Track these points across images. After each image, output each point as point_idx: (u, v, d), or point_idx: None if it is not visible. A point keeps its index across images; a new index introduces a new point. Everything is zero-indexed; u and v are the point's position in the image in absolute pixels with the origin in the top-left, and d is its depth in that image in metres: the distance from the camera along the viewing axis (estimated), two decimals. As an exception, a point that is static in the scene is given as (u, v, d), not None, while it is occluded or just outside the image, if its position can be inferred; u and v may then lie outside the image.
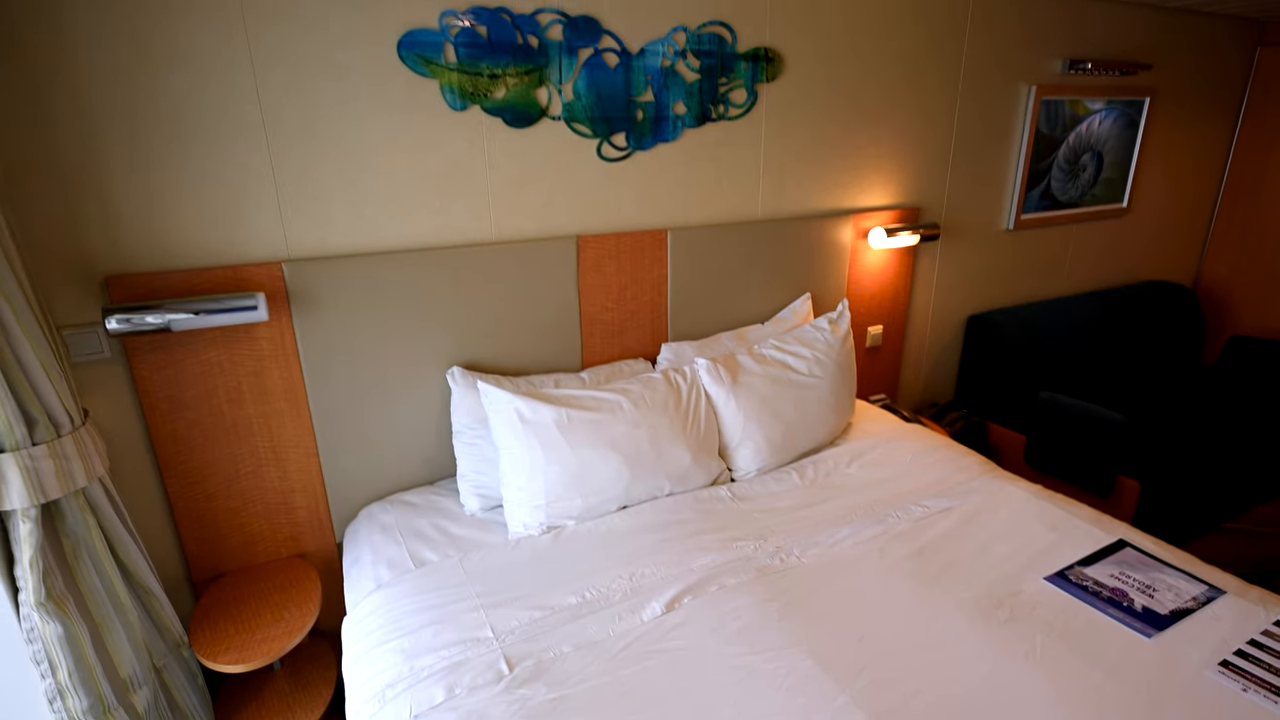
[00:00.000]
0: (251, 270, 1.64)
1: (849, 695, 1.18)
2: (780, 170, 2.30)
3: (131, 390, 1.62)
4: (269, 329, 1.69)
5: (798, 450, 2.00)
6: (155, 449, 1.66)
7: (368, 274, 1.76)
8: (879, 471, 1.93)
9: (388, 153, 1.73)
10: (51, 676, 1.34)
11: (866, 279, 2.58)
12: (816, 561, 1.54)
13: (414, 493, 1.91)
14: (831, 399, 2.06)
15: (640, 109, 1.99)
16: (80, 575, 1.40)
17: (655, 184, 2.10)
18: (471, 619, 1.38)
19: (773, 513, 1.74)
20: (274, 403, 1.75)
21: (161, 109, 1.50)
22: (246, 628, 1.62)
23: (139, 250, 1.56)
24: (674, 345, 2.15)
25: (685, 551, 1.57)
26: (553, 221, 1.98)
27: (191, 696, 1.60)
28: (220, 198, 1.60)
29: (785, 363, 2.04)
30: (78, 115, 1.44)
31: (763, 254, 2.32)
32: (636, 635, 1.33)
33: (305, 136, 1.64)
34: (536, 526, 1.68)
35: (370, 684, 1.29)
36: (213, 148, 1.56)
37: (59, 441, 1.32)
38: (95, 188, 1.49)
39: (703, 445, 1.85)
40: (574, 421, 1.70)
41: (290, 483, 1.82)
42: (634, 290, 2.13)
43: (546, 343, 2.04)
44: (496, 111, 1.82)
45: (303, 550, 1.89)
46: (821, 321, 2.18)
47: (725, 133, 2.16)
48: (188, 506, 1.72)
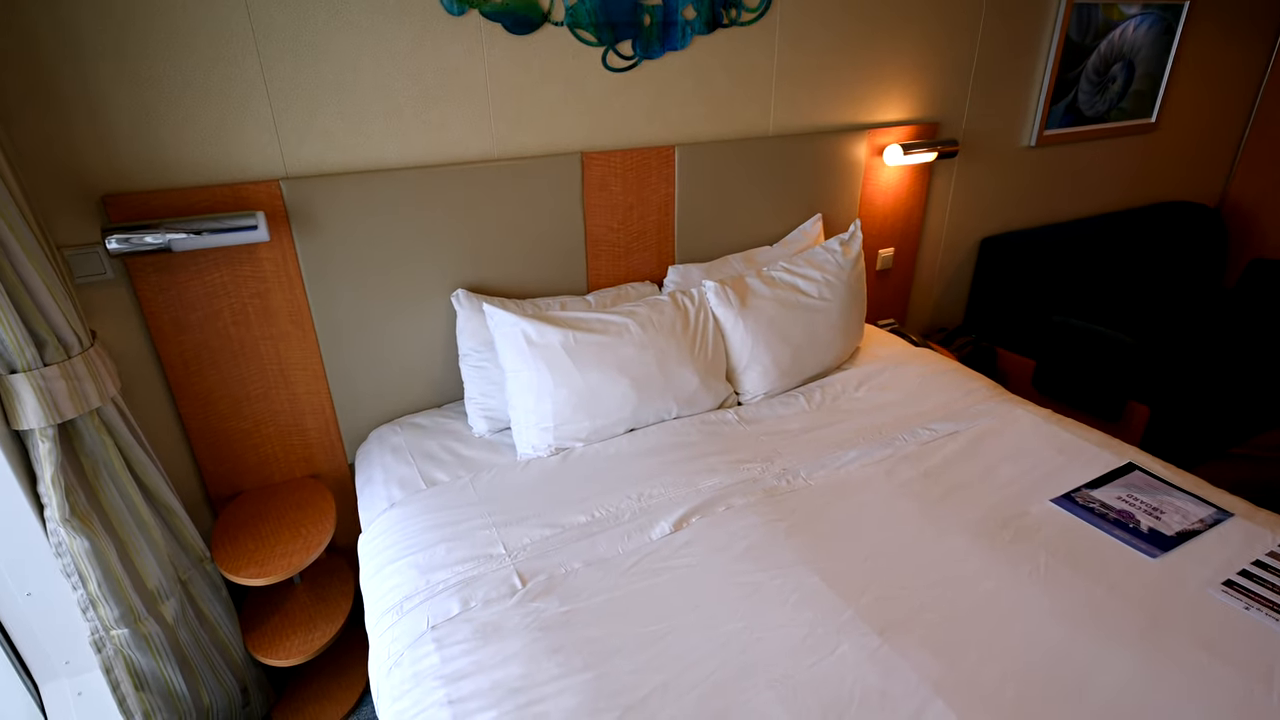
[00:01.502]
0: (249, 188, 1.59)
1: (855, 610, 1.22)
2: (794, 82, 2.19)
3: (137, 312, 1.60)
4: (271, 250, 1.66)
5: (806, 374, 2.00)
6: (165, 371, 1.66)
7: (368, 193, 1.70)
8: (887, 395, 1.93)
9: (382, 63, 1.65)
10: (83, 588, 1.39)
11: (880, 199, 2.50)
12: (823, 483, 1.56)
13: (423, 415, 1.93)
14: (841, 322, 2.03)
15: (648, 13, 1.88)
16: (102, 493, 1.43)
17: (663, 96, 2.00)
18: (484, 536, 1.42)
19: (780, 435, 1.75)
20: (280, 325, 1.74)
21: (149, 18, 1.41)
22: (265, 544, 1.67)
23: (135, 168, 1.51)
24: (681, 268, 2.11)
25: (693, 473, 1.59)
26: (556, 137, 1.90)
27: (217, 607, 1.66)
28: (213, 112, 1.53)
29: (795, 285, 2.00)
30: (59, 27, 1.36)
31: (774, 172, 2.23)
32: (645, 553, 1.36)
33: (297, 46, 1.55)
34: (545, 448, 1.70)
35: (388, 597, 1.33)
36: (202, 59, 1.48)
37: (69, 362, 1.32)
38: (85, 104, 1.42)
39: (710, 368, 1.85)
40: (581, 344, 1.68)
41: (300, 405, 1.83)
42: (640, 210, 2.07)
43: (552, 265, 2.00)
44: (496, 16, 1.71)
45: (316, 471, 1.92)
46: (832, 243, 2.12)
47: (737, 40, 2.04)
48: (201, 427, 1.74)
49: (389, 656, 1.23)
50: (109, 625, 1.43)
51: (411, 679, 1.16)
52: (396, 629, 1.26)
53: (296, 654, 1.68)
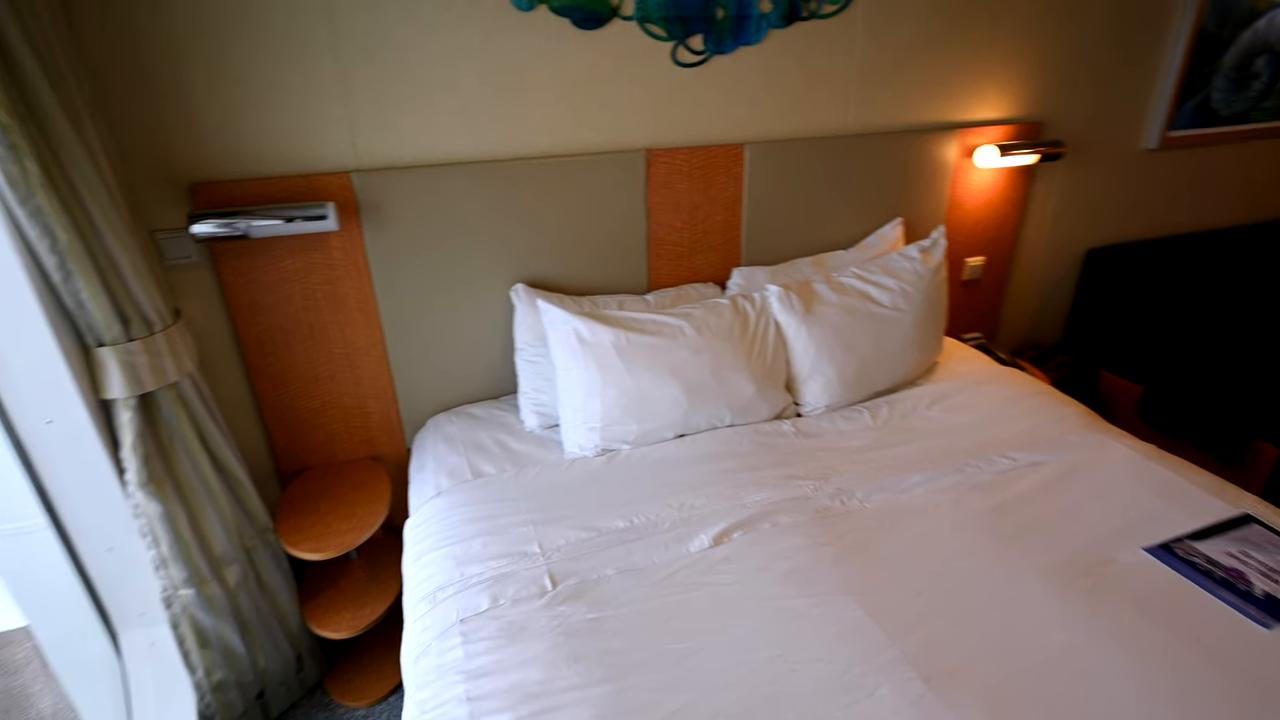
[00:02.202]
0: (323, 180, 1.65)
1: (900, 651, 1.13)
2: (877, 77, 2.06)
3: (219, 294, 1.70)
4: (341, 239, 1.72)
5: (873, 388, 1.88)
6: (243, 350, 1.75)
7: (434, 185, 1.73)
8: (963, 416, 1.78)
9: (452, 58, 1.67)
10: (155, 549, 1.49)
11: (970, 203, 2.32)
12: (881, 508, 1.46)
13: (478, 406, 1.95)
14: (915, 335, 1.90)
15: (720, 6, 1.81)
16: (176, 462, 1.53)
17: (734, 92, 1.93)
18: (521, 533, 1.41)
19: (838, 452, 1.65)
20: (347, 312, 1.80)
21: (240, 20, 1.49)
22: (323, 520, 1.74)
23: (221, 159, 1.59)
24: (746, 270, 2.04)
25: (740, 485, 1.52)
26: (622, 133, 1.87)
27: (277, 576, 1.75)
28: (292, 107, 1.60)
29: (866, 293, 1.89)
30: (160, 28, 1.45)
31: (851, 173, 2.12)
32: (681, 565, 1.32)
33: (371, 44, 1.60)
34: (591, 448, 1.67)
35: (424, 585, 1.35)
36: (285, 58, 1.55)
37: (151, 339, 1.41)
38: (179, 97, 1.52)
39: (768, 376, 1.77)
40: (633, 345, 1.65)
41: (364, 389, 1.90)
42: (706, 209, 2.01)
43: (612, 262, 1.97)
44: (564, 11, 1.70)
45: (376, 453, 1.98)
46: (912, 249, 1.99)
47: (816, 34, 1.94)
48: (273, 405, 1.83)
49: (418, 645, 1.24)
50: (177, 585, 1.53)
51: (436, 670, 1.16)
52: (428, 618, 1.27)
53: (347, 628, 1.74)
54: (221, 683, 1.64)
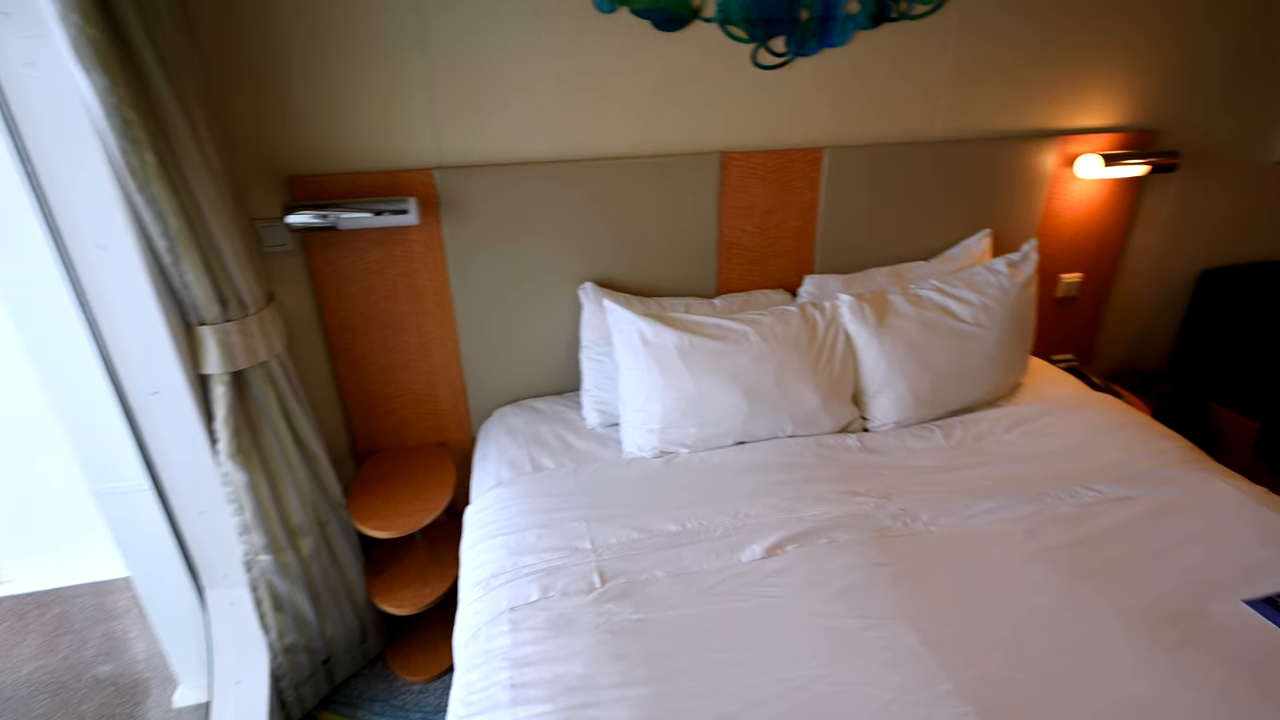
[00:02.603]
0: (406, 175, 1.73)
1: (955, 684, 1.07)
2: (971, 80, 1.96)
3: (309, 281, 1.81)
4: (420, 233, 1.79)
5: (947, 407, 1.80)
6: (327, 335, 1.86)
7: (511, 183, 1.78)
8: (1045, 443, 1.68)
9: (532, 58, 1.71)
10: (240, 516, 1.60)
11: (1067, 216, 2.18)
12: (946, 532, 1.39)
13: (543, 400, 1.99)
14: (997, 353, 1.80)
15: (805, 7, 1.77)
16: (262, 436, 1.63)
17: (815, 95, 1.88)
18: (574, 529, 1.43)
19: (904, 471, 1.58)
20: (424, 303, 1.87)
21: (333, 19, 1.58)
22: (392, 501, 1.82)
23: (315, 153, 1.69)
24: (818, 278, 1.99)
25: (797, 498, 1.48)
26: (697, 135, 1.86)
27: (347, 550, 1.84)
28: (380, 104, 1.68)
29: (946, 307, 1.80)
30: (263, 28, 1.55)
31: (936, 180, 2.03)
32: (731, 574, 1.30)
33: (457, 45, 1.65)
34: (649, 449, 1.68)
35: (478, 571, 1.39)
36: (375, 57, 1.63)
37: (246, 320, 1.51)
38: (279, 95, 1.62)
39: (834, 388, 1.72)
40: (696, 348, 1.64)
41: (436, 378, 1.97)
42: (780, 214, 1.97)
43: (681, 265, 1.97)
44: (645, 13, 1.71)
45: (444, 440, 2.06)
46: (999, 263, 1.88)
47: (906, 34, 1.87)
48: (353, 388, 1.93)
49: (469, 629, 1.28)
50: (257, 550, 1.63)
51: (484, 655, 1.19)
52: (480, 603, 1.31)
53: (409, 605, 1.81)
54: (292, 645, 1.74)
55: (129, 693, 1.94)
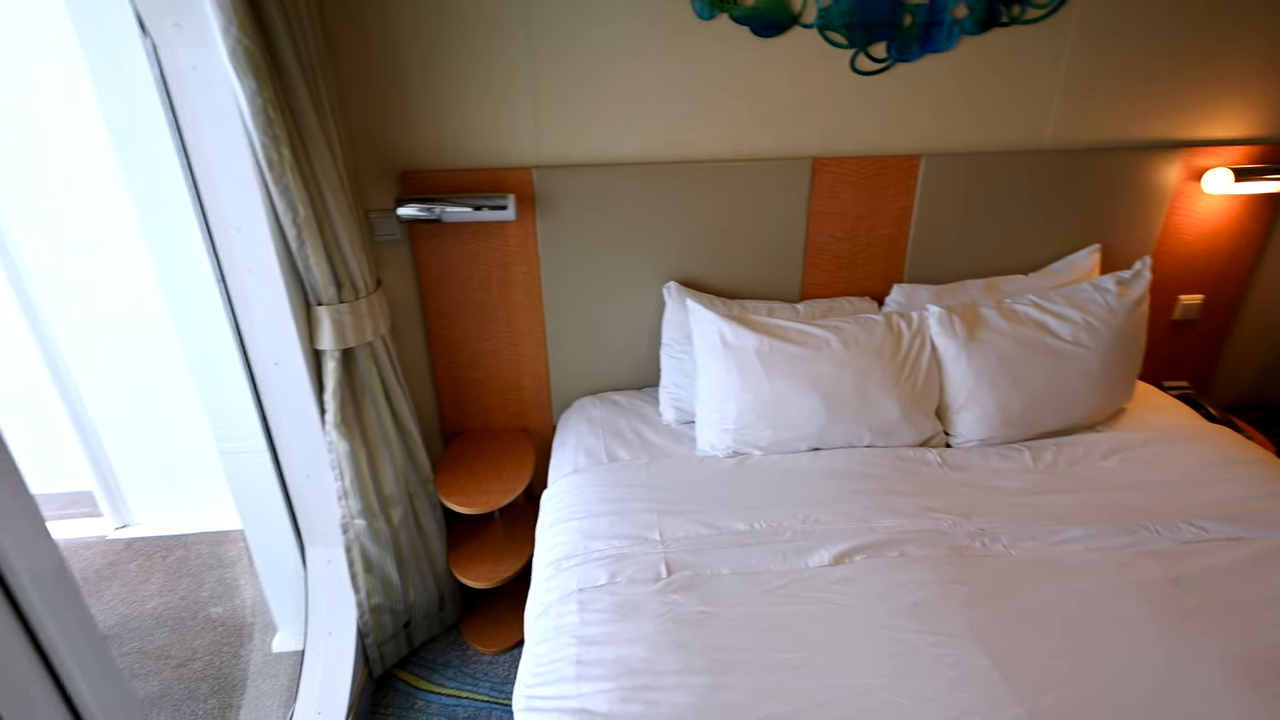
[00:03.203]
0: (507, 173, 1.82)
1: (1026, 711, 1.04)
2: (1087, 87, 1.86)
3: (413, 269, 1.94)
4: (516, 228, 1.88)
5: (1039, 428, 1.72)
6: (426, 320, 1.98)
7: (604, 183, 1.84)
8: (1147, 473, 1.58)
9: (633, 65, 1.76)
10: (340, 481, 1.75)
11: (1190, 234, 2.03)
12: (1028, 557, 1.34)
13: (622, 394, 2.05)
14: (1099, 375, 1.71)
15: (909, 12, 1.74)
16: (364, 410, 1.77)
17: (914, 101, 1.85)
18: (644, 519, 1.47)
19: (986, 490, 1.53)
20: (515, 294, 1.97)
21: (449, 27, 1.69)
22: (475, 479, 1.93)
23: (427, 150, 1.82)
24: (908, 287, 1.95)
25: (870, 508, 1.47)
26: (790, 140, 1.86)
27: (432, 522, 1.96)
28: (489, 107, 1.78)
29: (1043, 323, 1.72)
30: (387, 33, 1.68)
31: (1042, 191, 1.94)
32: (797, 578, 1.30)
33: (561, 50, 1.73)
34: (723, 449, 1.70)
35: (552, 552, 1.46)
36: (486, 63, 1.73)
37: (357, 302, 1.65)
38: (399, 97, 1.75)
39: (916, 400, 1.68)
40: (775, 352, 1.65)
41: (522, 366, 2.07)
42: (871, 221, 1.94)
43: (767, 268, 1.98)
44: (744, 20, 1.73)
45: (526, 425, 2.15)
46: (1107, 280, 1.78)
47: (1016, 40, 1.80)
48: (445, 371, 2.05)
49: (540, 605, 1.34)
50: (353, 515, 1.77)
51: (553, 630, 1.26)
52: (552, 582, 1.38)
53: (484, 579, 1.91)
54: (378, 606, 1.88)
55: (235, 634, 2.14)
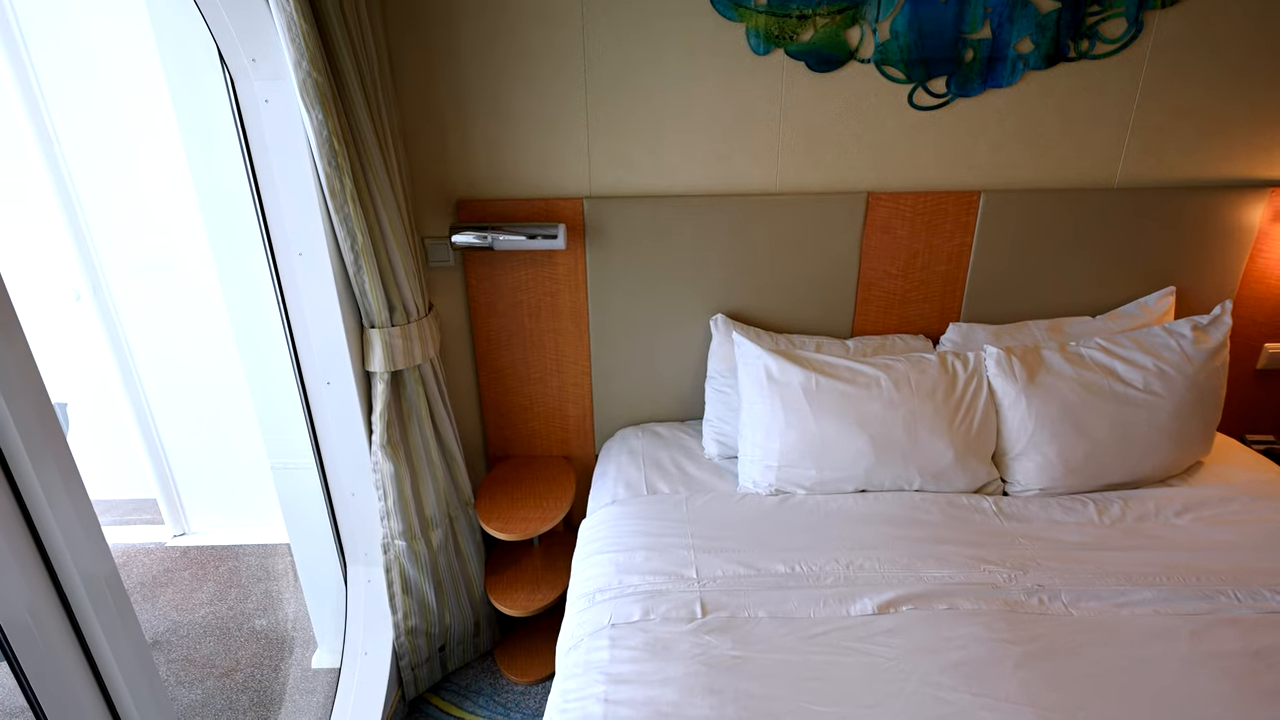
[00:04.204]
0: (559, 204, 1.85)
1: (1084, 786, 0.96)
2: (1159, 125, 1.79)
3: (464, 294, 1.98)
4: (566, 257, 1.91)
5: (1105, 479, 1.62)
6: (475, 345, 2.02)
7: (654, 214, 1.85)
8: (1226, 533, 1.46)
9: (687, 98, 1.78)
10: (383, 501, 1.77)
11: (1276, 277, 1.90)
12: (1090, 617, 1.25)
13: (664, 426, 2.03)
14: (1172, 426, 1.60)
15: (971, 48, 1.71)
16: (410, 432, 1.80)
17: (975, 137, 1.80)
18: (681, 556, 1.44)
19: (1046, 543, 1.44)
20: (562, 322, 1.99)
21: (510, 62, 1.74)
22: (514, 506, 1.93)
23: (483, 180, 1.87)
24: (964, 326, 1.88)
25: (919, 557, 1.40)
26: (844, 174, 1.84)
27: (470, 546, 1.97)
28: (544, 139, 1.82)
29: (1111, 369, 1.63)
30: (452, 67, 1.75)
31: (1112, 231, 1.85)
32: (837, 626, 1.25)
33: (616, 84, 1.76)
34: (765, 486, 1.65)
35: (587, 584, 1.44)
36: (542, 97, 1.77)
37: (409, 326, 1.69)
38: (459, 130, 1.81)
39: (971, 445, 1.61)
40: (822, 389, 1.61)
41: (566, 394, 2.07)
42: (926, 258, 1.89)
43: (817, 303, 1.94)
44: (800, 55, 1.72)
45: (568, 454, 2.15)
46: (1182, 325, 1.68)
47: (1084, 75, 1.74)
48: (492, 396, 2.08)
49: (572, 638, 1.32)
50: (394, 535, 1.79)
51: (583, 665, 1.23)
52: (585, 615, 1.35)
53: (520, 607, 1.90)
54: (414, 628, 1.88)
55: (277, 647, 2.18)
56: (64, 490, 0.91)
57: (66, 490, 0.91)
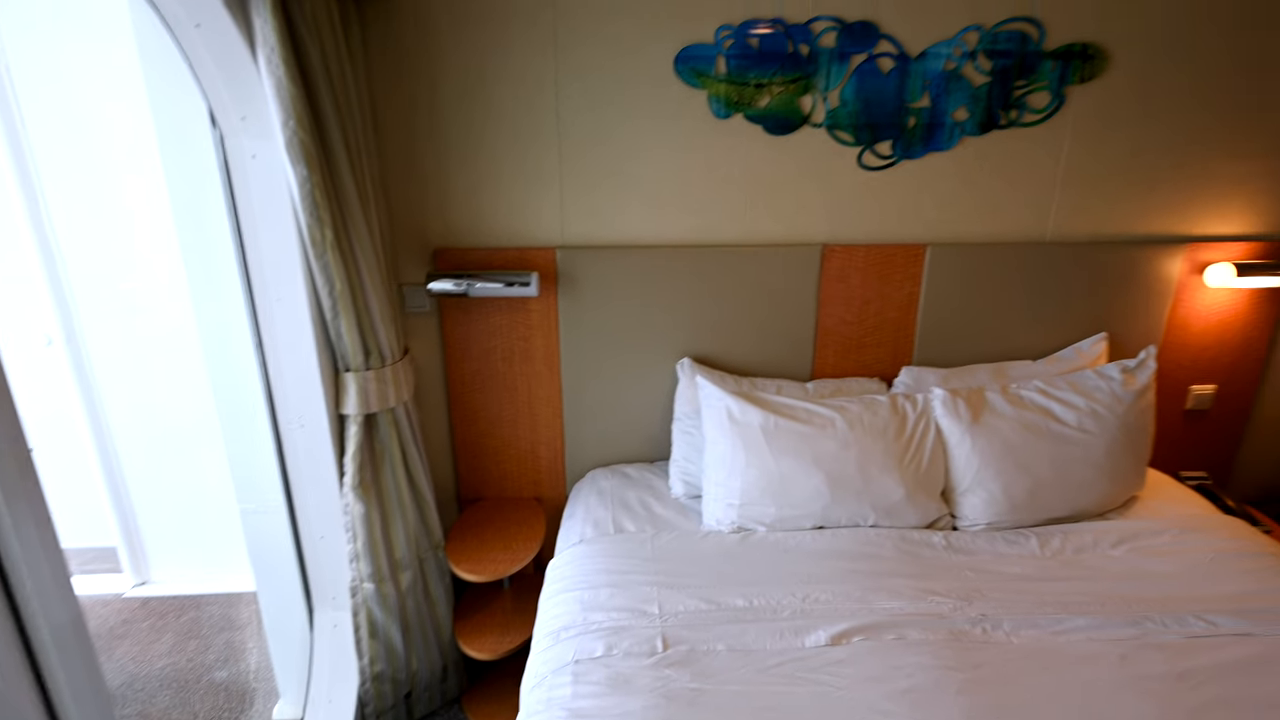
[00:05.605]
0: (533, 253, 1.94)
1: (1023, 805, 1.01)
2: (1085, 185, 1.95)
3: (439, 339, 2.04)
4: (539, 304, 1.99)
5: (1046, 514, 1.71)
6: (449, 388, 2.07)
7: (623, 264, 1.95)
8: (1156, 564, 1.55)
9: (654, 157, 1.90)
10: (353, 544, 1.79)
11: (1197, 325, 2.05)
12: (1029, 645, 1.32)
13: (633, 467, 2.09)
14: (1106, 462, 1.70)
15: (913, 115, 1.86)
16: (382, 474, 1.83)
17: (919, 195, 1.95)
18: (644, 592, 1.48)
19: (990, 575, 1.52)
20: (535, 366, 2.05)
21: (488, 117, 1.85)
22: (484, 548, 1.96)
23: (460, 229, 1.95)
24: (916, 370, 1.99)
25: (871, 589, 1.46)
26: (801, 228, 1.97)
27: (440, 589, 1.98)
28: (519, 190, 1.92)
29: (1048, 409, 1.74)
30: (432, 122, 1.85)
31: (1047, 281, 2.00)
32: (792, 657, 1.30)
33: (588, 140, 1.88)
34: (728, 524, 1.71)
35: (552, 622, 1.47)
36: (518, 149, 1.88)
37: (384, 370, 1.74)
38: (438, 182, 1.90)
39: (921, 482, 1.69)
40: (780, 429, 1.69)
41: (538, 435, 2.13)
42: (879, 305, 2.01)
43: (779, 348, 2.04)
44: (758, 119, 1.86)
45: (539, 495, 2.19)
46: (1111, 368, 1.81)
47: (1016, 141, 1.90)
48: (464, 438, 2.12)
49: (536, 676, 1.35)
50: (363, 578, 1.80)
51: (545, 702, 1.26)
52: (549, 653, 1.39)
53: (488, 650, 1.90)
54: (380, 674, 1.88)
55: (237, 699, 2.14)
56: (37, 538, 0.92)
57: (39, 538, 0.93)
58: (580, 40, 1.79)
